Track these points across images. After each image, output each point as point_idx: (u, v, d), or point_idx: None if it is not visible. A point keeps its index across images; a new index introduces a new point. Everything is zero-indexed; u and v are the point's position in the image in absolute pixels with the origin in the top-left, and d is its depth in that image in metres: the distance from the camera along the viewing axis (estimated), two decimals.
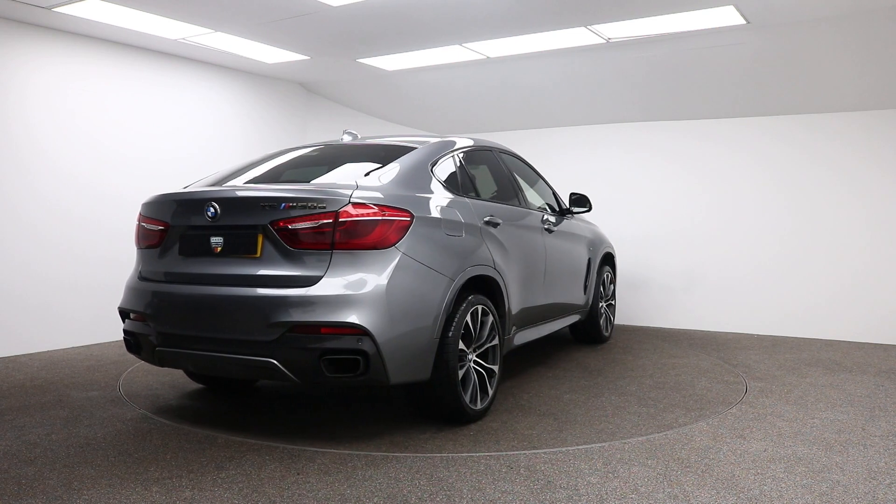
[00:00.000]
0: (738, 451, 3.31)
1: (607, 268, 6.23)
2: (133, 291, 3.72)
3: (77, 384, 4.60)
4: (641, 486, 2.88)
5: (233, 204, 3.44)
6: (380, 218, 3.29)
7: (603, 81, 6.71)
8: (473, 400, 3.70)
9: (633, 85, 6.68)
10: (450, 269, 3.55)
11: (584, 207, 5.47)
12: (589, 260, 5.76)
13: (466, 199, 3.98)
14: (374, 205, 3.30)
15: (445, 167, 4.02)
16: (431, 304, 3.41)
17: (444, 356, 3.49)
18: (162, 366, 3.69)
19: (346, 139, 4.53)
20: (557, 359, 5.51)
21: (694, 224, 7.19)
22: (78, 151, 5.90)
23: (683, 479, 2.95)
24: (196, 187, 3.85)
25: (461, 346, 3.60)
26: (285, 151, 4.46)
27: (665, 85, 6.58)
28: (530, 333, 4.65)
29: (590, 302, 5.84)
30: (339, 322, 3.14)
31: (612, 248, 6.43)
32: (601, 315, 6.07)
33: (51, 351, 5.69)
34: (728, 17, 5.03)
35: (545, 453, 3.29)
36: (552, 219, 5.11)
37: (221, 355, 3.38)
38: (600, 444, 3.41)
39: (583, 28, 5.42)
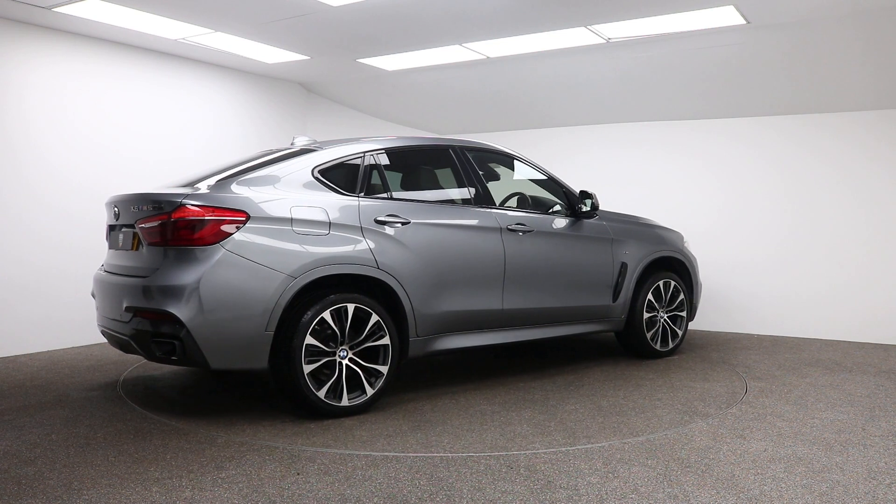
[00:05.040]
0: (738, 451, 3.31)
1: (670, 274, 5.59)
2: (94, 279, 4.42)
3: (77, 384, 4.61)
4: (641, 486, 2.88)
5: (123, 206, 4.07)
6: (206, 218, 3.64)
7: (603, 81, 6.71)
8: (336, 396, 3.82)
9: (633, 85, 6.68)
10: (290, 266, 3.72)
11: (588, 207, 5.14)
12: (623, 264, 5.28)
13: (353, 199, 4.08)
14: (203, 206, 3.66)
15: (342, 167, 4.17)
16: (259, 298, 3.64)
17: (288, 350, 3.69)
18: (107, 340, 4.33)
19: (300, 142, 4.62)
20: (565, 370, 5.30)
21: (693, 224, 7.18)
22: (77, 152, 5.90)
23: (683, 479, 2.95)
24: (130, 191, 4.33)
25: (313, 341, 3.75)
26: (242, 160, 4.51)
27: (665, 85, 6.58)
28: (477, 339, 4.50)
29: (626, 311, 5.32)
30: (158, 309, 3.63)
31: (680, 253, 5.72)
32: (652, 326, 5.47)
33: (51, 351, 5.69)
34: (728, 17, 5.03)
35: (545, 453, 3.29)
36: (543, 218, 4.92)
37: (113, 332, 4.05)
38: (600, 444, 3.41)
39: (583, 28, 5.42)
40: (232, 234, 3.64)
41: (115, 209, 4.14)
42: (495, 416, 3.91)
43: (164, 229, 3.69)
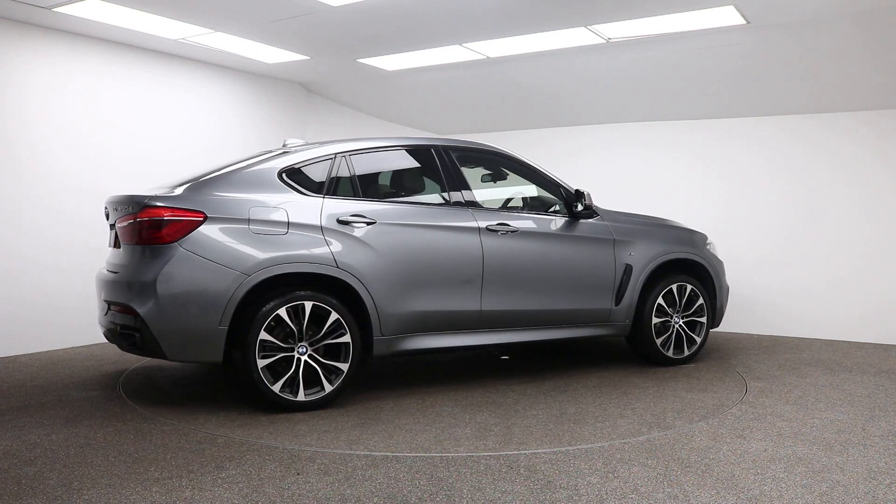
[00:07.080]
0: (738, 451, 3.31)
1: (686, 278, 5.30)
2: (95, 277, 4.57)
3: (77, 384, 4.61)
4: (641, 486, 2.88)
5: (111, 207, 4.32)
6: (164, 218, 3.84)
7: (603, 81, 6.71)
8: (292, 391, 3.94)
9: (634, 85, 6.68)
10: (244, 264, 3.87)
11: (581, 207, 4.95)
12: (627, 266, 5.05)
13: (317, 200, 4.16)
14: (163, 207, 3.87)
15: (310, 169, 4.28)
16: (212, 294, 3.81)
17: (243, 344, 3.85)
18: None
19: (291, 144, 4.69)
20: (562, 374, 5.20)
21: (693, 224, 7.18)
22: (77, 152, 5.90)
23: (683, 479, 2.96)
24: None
25: (268, 337, 3.88)
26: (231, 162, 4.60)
27: (665, 85, 6.58)
28: (453, 340, 4.47)
29: (630, 315, 5.08)
30: (122, 303, 3.94)
31: (699, 255, 5.43)
32: (664, 332, 5.21)
33: (51, 351, 5.69)
34: (728, 17, 5.03)
35: (545, 453, 3.29)
36: (531, 217, 4.81)
37: (102, 325, 4.32)
38: (600, 444, 3.41)
39: (583, 28, 5.42)
40: (189, 233, 3.83)
41: (107, 210, 4.41)
42: (447, 418, 3.87)
43: (134, 229, 3.94)
